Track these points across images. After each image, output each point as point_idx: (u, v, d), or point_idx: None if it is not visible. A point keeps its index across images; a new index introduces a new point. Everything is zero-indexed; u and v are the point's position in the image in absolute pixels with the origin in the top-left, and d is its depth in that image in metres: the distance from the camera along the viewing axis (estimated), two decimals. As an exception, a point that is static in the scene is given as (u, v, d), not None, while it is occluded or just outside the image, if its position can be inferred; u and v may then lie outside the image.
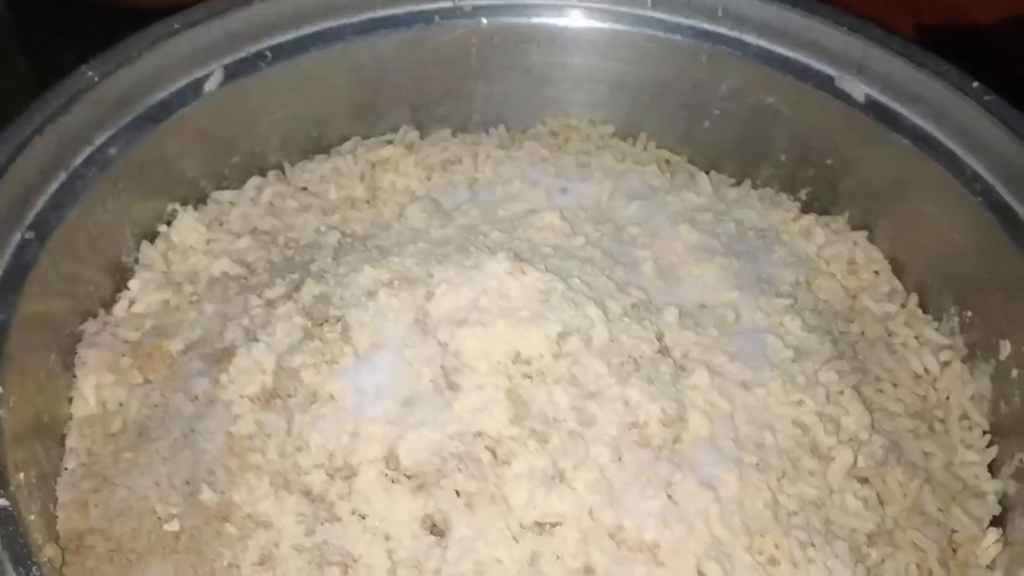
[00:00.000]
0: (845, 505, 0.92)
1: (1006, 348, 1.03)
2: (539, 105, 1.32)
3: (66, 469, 0.95)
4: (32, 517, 0.86)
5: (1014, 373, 1.02)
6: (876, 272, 1.17)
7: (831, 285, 1.12)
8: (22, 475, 0.87)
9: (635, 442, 0.88)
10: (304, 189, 1.21)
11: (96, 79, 1.04)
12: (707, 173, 1.26)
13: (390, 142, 1.26)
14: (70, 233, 1.00)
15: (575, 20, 1.24)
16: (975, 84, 1.08)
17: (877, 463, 0.96)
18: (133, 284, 1.09)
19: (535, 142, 1.26)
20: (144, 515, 0.90)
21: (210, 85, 1.13)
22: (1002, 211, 1.04)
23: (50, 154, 1.00)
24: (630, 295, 0.99)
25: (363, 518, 0.88)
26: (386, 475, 0.89)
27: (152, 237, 1.13)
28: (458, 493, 0.87)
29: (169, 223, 1.14)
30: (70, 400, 1.00)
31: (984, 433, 1.04)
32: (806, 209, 1.24)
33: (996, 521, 0.98)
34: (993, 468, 1.02)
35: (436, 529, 0.88)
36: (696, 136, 1.30)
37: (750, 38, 1.20)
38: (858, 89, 1.16)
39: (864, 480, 0.95)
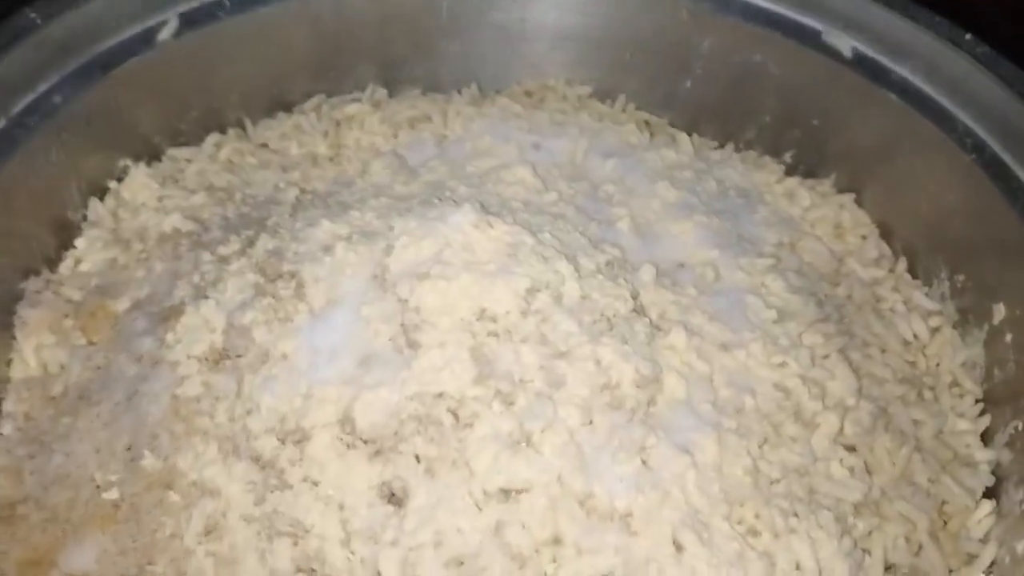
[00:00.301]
0: (830, 474, 0.87)
1: (1000, 312, 0.98)
2: (514, 64, 1.27)
3: (1, 435, 0.90)
4: (-41, 483, 0.80)
5: (1008, 337, 0.97)
6: (863, 236, 1.12)
7: (816, 247, 1.07)
8: (-50, 439, 0.81)
9: (607, 404, 0.82)
10: (264, 146, 1.15)
11: (39, 21, 0.99)
12: (689, 136, 1.21)
13: (357, 100, 1.20)
14: (9, 185, 0.95)
15: (551, -27, 1.19)
16: (967, 36, 1.03)
17: (864, 430, 0.90)
18: (80, 242, 1.03)
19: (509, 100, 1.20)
20: (82, 482, 0.85)
21: (164, 34, 1.08)
22: (996, 168, 0.99)
23: (-13, 99, 0.94)
24: (604, 252, 0.93)
25: (316, 485, 0.82)
26: (341, 440, 0.83)
27: (101, 193, 1.07)
28: (417, 458, 0.81)
29: (120, 179, 1.08)
30: (8, 362, 0.94)
31: (976, 401, 0.99)
32: (791, 172, 1.19)
33: (989, 493, 0.93)
34: (986, 437, 0.97)
35: (394, 497, 0.82)
36: (677, 97, 1.25)
37: (733, -8, 1.15)
38: (846, 44, 1.11)
39: (851, 448, 0.89)
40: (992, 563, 0.87)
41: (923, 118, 1.05)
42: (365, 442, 0.83)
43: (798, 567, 0.80)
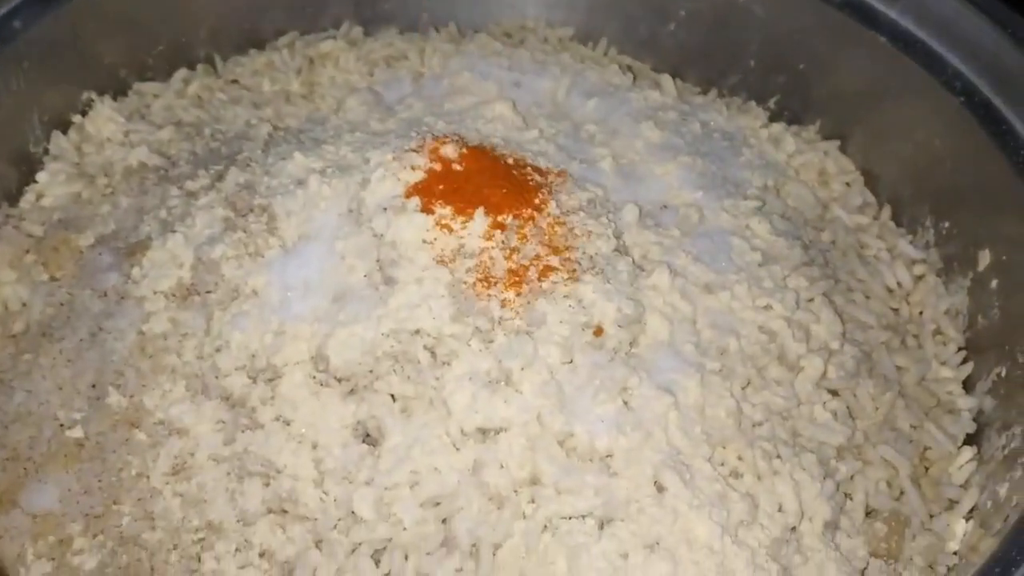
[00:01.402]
0: (814, 417, 0.85)
1: (985, 258, 0.97)
2: (492, 3, 1.24)
3: (-41, 372, 0.86)
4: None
5: (993, 284, 0.96)
6: (848, 183, 1.10)
7: (801, 191, 1.05)
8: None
9: (588, 344, 0.80)
10: (235, 82, 1.12)
11: (-3, -57, 0.94)
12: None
13: (331, 37, 1.16)
14: (-35, 114, 0.91)
15: (530, -93, 1.16)
16: (958, -24, 1.01)
17: (848, 374, 0.89)
18: (41, 176, 1.00)
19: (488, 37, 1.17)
20: (44, 421, 0.82)
21: (130, -39, 1.03)
22: (985, 110, 0.97)
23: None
24: (587, 191, 0.90)
25: (288, 425, 0.80)
26: (314, 378, 0.81)
27: (64, 127, 1.04)
28: (393, 397, 0.79)
29: (84, 113, 1.04)
30: (-34, 299, 0.91)
31: (959, 349, 0.98)
32: (775, 119, 1.17)
33: (971, 439, 0.92)
34: (968, 384, 0.96)
35: (369, 437, 0.80)
36: (660, 40, 1.22)
37: (718, -72, 1.12)
38: (834, -15, 1.08)
39: (834, 392, 0.88)
40: (973, 508, 0.87)
41: (911, 61, 1.03)
42: (339, 380, 0.81)
43: (780, 508, 0.78)
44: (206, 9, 1.12)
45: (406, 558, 0.75)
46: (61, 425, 0.82)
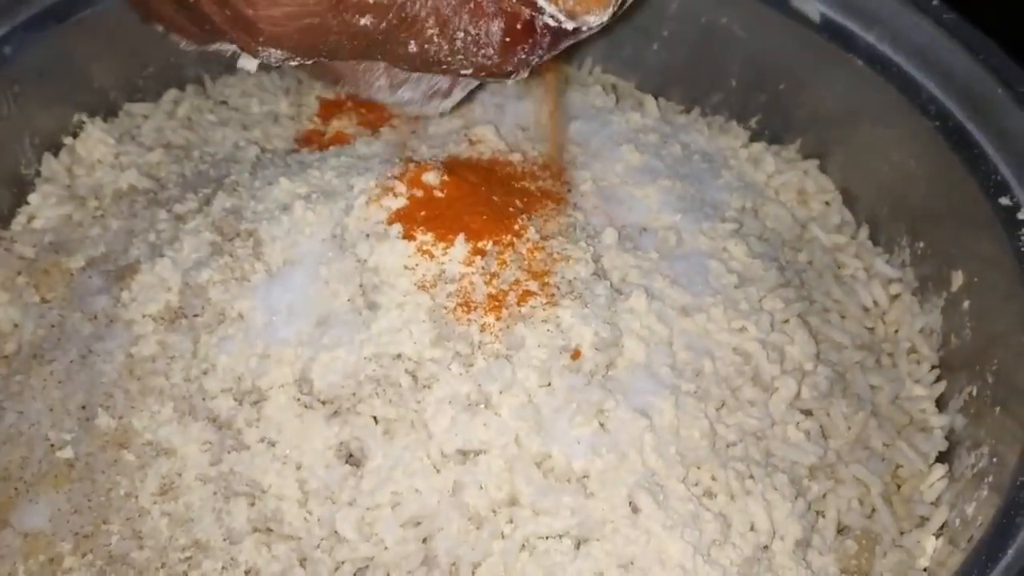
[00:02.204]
0: (787, 437, 0.87)
1: (958, 279, 0.99)
2: (479, 24, 1.25)
3: (-49, 393, 0.88)
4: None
5: (965, 304, 0.97)
6: (827, 203, 1.13)
7: (779, 212, 1.07)
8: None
9: (565, 367, 0.82)
10: (224, 103, 1.13)
11: (-11, -30, 0.96)
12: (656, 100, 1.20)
13: (320, 58, 1.18)
14: (-41, 138, 0.92)
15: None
16: (934, 2, 1.03)
17: (821, 394, 0.91)
18: (33, 198, 1.02)
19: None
20: (36, 441, 0.84)
21: (120, -15, 1.05)
22: (958, 135, 0.99)
23: (-66, 49, 0.92)
24: (567, 215, 0.92)
25: (273, 446, 0.82)
26: (298, 400, 0.83)
27: (55, 149, 1.05)
28: (376, 419, 0.81)
29: (75, 135, 1.06)
30: (-41, 320, 0.92)
31: (932, 367, 1.00)
32: (756, 138, 1.19)
33: (942, 457, 0.94)
34: (941, 403, 0.98)
35: (352, 458, 0.82)
36: (644, 60, 1.24)
37: (701, -48, 1.14)
38: (814, 8, 1.10)
39: (807, 412, 0.90)
40: (943, 525, 0.89)
41: (888, 84, 1.05)
42: (323, 403, 0.82)
43: (752, 528, 0.80)
44: (196, 30, 1.13)
45: (389, 576, 0.77)
46: (52, 446, 0.83)
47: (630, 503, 0.79)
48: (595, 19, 0.83)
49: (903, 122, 1.04)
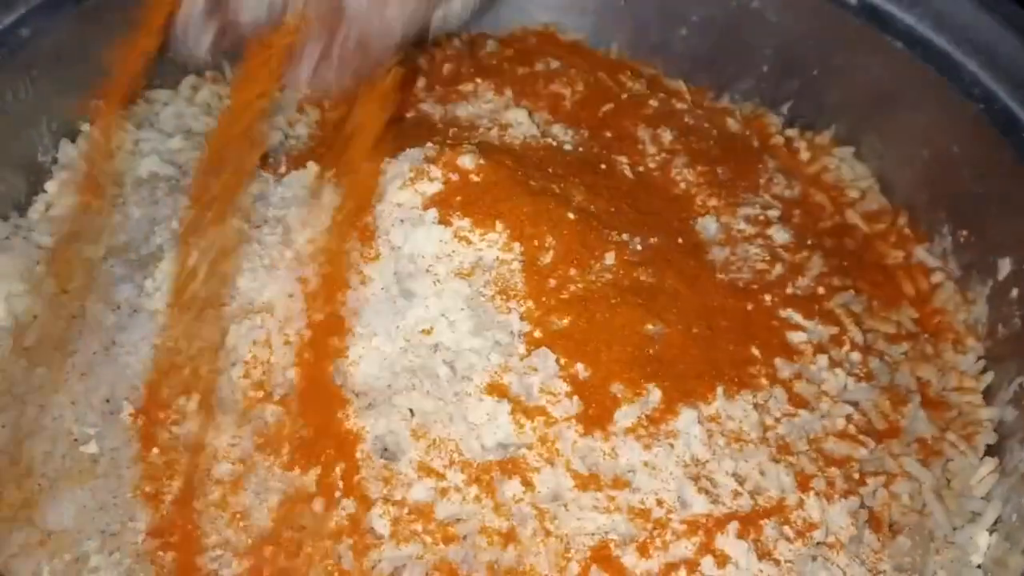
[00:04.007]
0: (836, 430, 0.84)
1: (1005, 267, 0.96)
2: (503, 11, 1.22)
3: (-30, 388, 0.85)
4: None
5: (1014, 293, 0.95)
6: (863, 190, 1.10)
7: (816, 200, 1.04)
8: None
9: (613, 356, 0.79)
10: (245, 89, 1.10)
11: (5, -50, 0.93)
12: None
13: (342, 43, 1.15)
14: (-26, 124, 0.90)
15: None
16: (975, -20, 1.00)
17: (869, 387, 0.88)
18: (50, 185, 0.99)
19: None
20: (58, 436, 0.81)
21: (139, -34, 1.02)
22: (1004, 117, 0.96)
23: (-51, 32, 0.89)
24: (600, 196, 0.89)
25: (304, 440, 0.79)
26: (331, 392, 0.79)
27: (73, 135, 1.03)
28: (412, 412, 0.78)
29: (93, 121, 1.03)
30: (-24, 312, 0.89)
31: (979, 358, 0.97)
32: (788, 125, 1.16)
33: (991, 450, 0.91)
34: (989, 395, 0.95)
35: (387, 452, 0.79)
36: (672, 46, 1.21)
37: (731, -68, 1.11)
38: (850, -10, 1.07)
39: (855, 404, 0.87)
40: (997, 520, 0.86)
41: (928, 66, 1.02)
42: (357, 395, 0.79)
43: (805, 523, 0.77)
44: (214, 15, 1.10)
45: (425, 576, 0.74)
46: (75, 440, 0.80)
47: (679, 498, 0.76)
48: None
49: (944, 105, 1.02)
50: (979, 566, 0.84)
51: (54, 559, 0.75)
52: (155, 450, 0.79)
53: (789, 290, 0.90)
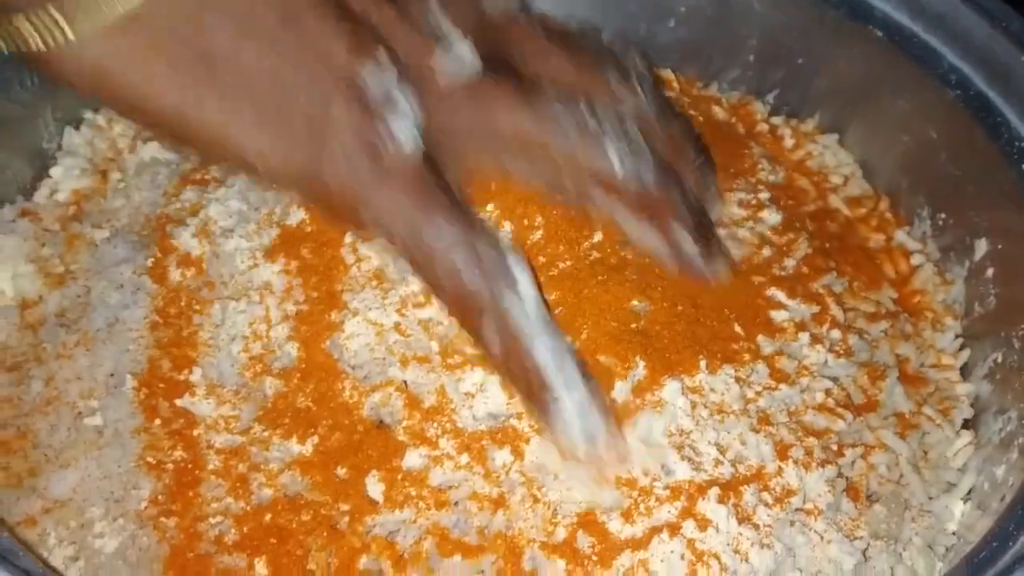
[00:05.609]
0: (816, 404, 0.87)
1: (981, 247, 0.99)
2: (490, -1, 1.25)
3: (-23, 364, 0.88)
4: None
5: (989, 272, 0.98)
6: (846, 176, 1.12)
7: (800, 185, 1.07)
8: (-74, 366, 0.80)
9: (601, 333, 0.82)
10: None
11: (11, -61, 0.95)
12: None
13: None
14: (-20, 112, 0.92)
15: (517, -100, 1.17)
16: (953, -30, 1.03)
17: (848, 363, 0.91)
18: (55, 171, 1.02)
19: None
20: (63, 409, 0.84)
21: (142, -43, 1.04)
22: (979, 103, 0.99)
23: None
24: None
25: (302, 412, 0.81)
26: (327, 366, 0.82)
27: (77, 123, 1.05)
28: (406, 384, 0.81)
29: (96, 109, 1.06)
30: (-16, 291, 0.92)
31: (956, 336, 1.00)
32: (774, 113, 1.19)
33: (967, 424, 0.94)
34: (966, 372, 0.98)
35: (382, 424, 0.81)
36: (660, 37, 1.24)
37: (716, -78, 1.14)
38: (830, -21, 1.10)
39: (834, 379, 0.90)
40: (971, 490, 0.89)
41: (906, 55, 1.05)
42: (352, 368, 0.82)
43: (784, 491, 0.80)
44: None
45: (418, 541, 0.77)
46: (79, 413, 0.83)
47: (662, 466, 0.79)
48: None
49: (923, 93, 1.04)
50: (954, 533, 0.87)
51: (59, 526, 0.78)
52: (157, 421, 0.82)
53: (775, 271, 0.92)
